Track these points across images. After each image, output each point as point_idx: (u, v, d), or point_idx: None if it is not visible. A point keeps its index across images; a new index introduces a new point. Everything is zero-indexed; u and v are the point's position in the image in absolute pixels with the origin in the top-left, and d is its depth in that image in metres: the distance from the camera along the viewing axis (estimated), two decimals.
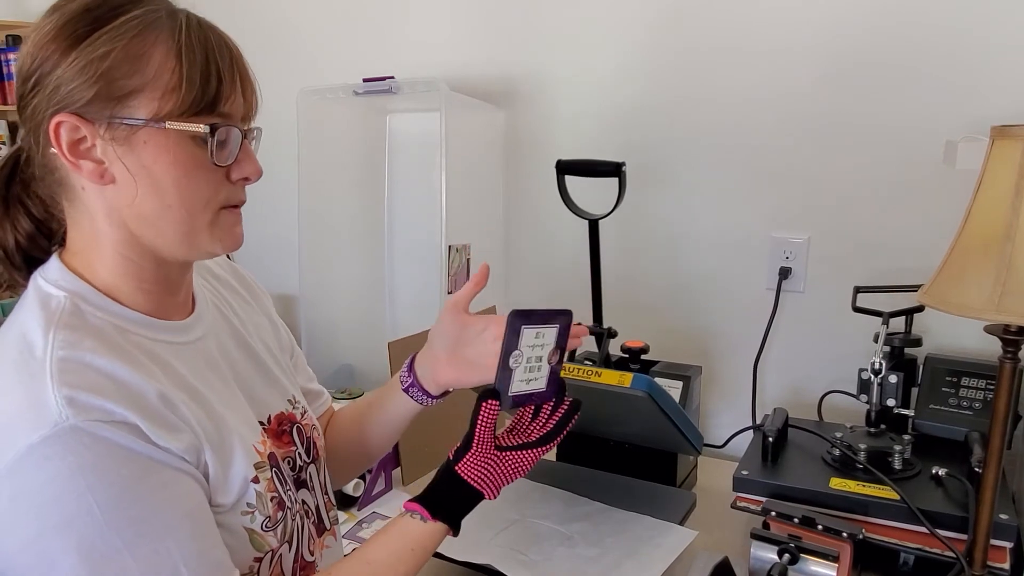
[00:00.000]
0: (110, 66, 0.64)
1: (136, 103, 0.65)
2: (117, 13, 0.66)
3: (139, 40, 0.65)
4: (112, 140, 0.66)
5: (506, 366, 0.76)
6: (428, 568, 0.75)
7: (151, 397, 0.65)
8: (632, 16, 1.54)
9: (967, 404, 1.21)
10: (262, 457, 0.76)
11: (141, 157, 0.66)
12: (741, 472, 1.15)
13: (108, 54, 0.64)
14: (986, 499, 0.95)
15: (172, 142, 0.67)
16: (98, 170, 0.67)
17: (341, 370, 1.94)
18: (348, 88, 1.69)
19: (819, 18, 1.38)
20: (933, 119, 1.32)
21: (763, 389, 1.52)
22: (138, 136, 0.66)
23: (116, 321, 0.70)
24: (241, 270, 0.95)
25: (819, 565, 0.93)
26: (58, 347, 0.64)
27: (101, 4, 0.67)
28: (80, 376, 0.63)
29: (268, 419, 0.83)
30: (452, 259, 1.61)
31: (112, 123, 0.66)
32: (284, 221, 1.92)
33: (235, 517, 0.72)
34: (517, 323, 0.76)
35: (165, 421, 0.66)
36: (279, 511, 0.76)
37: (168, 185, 0.67)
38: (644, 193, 1.56)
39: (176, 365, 0.72)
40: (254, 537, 0.73)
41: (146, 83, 0.65)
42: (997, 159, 0.88)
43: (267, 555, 0.75)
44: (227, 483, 0.71)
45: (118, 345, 0.67)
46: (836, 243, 1.43)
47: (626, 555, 1.03)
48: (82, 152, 0.67)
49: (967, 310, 0.87)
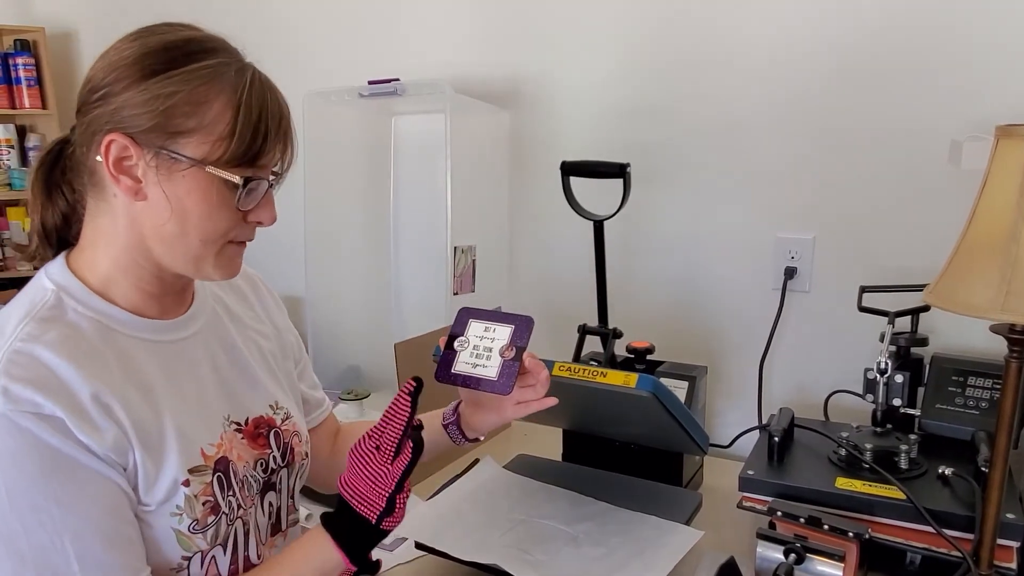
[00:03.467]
0: (173, 105, 0.71)
1: (186, 141, 0.72)
2: (191, 59, 0.72)
3: (205, 88, 0.72)
4: (156, 167, 0.72)
5: (450, 347, 0.91)
6: (433, 568, 0.76)
7: (84, 396, 0.70)
8: (637, 17, 1.55)
9: (974, 403, 1.21)
10: (206, 461, 0.79)
11: (177, 188, 0.73)
12: (747, 472, 1.15)
13: (174, 94, 0.71)
14: (992, 498, 0.94)
15: (208, 182, 0.73)
16: (135, 187, 0.73)
17: (348, 371, 1.95)
18: (353, 90, 1.69)
19: (825, 19, 1.38)
20: (938, 119, 1.31)
21: (769, 389, 1.52)
22: (179, 169, 0.72)
23: (97, 317, 0.75)
24: (258, 279, 0.99)
25: (825, 565, 0.93)
26: (18, 338, 0.70)
27: (181, 46, 0.73)
28: (23, 368, 0.68)
29: (246, 420, 0.86)
30: (457, 260, 1.61)
31: (160, 153, 0.72)
32: (290, 223, 1.90)
33: (162, 518, 0.75)
34: (464, 316, 0.93)
35: (91, 420, 0.70)
36: (211, 515, 0.78)
37: (194, 217, 0.74)
38: (649, 194, 1.56)
39: (144, 363, 0.77)
40: (180, 537, 0.76)
41: (201, 127, 0.72)
42: (1002, 159, 0.88)
43: (196, 555, 0.78)
44: (156, 483, 0.75)
45: (82, 341, 0.73)
46: (842, 243, 1.43)
47: (632, 555, 1.04)
48: (125, 168, 0.73)
49: (972, 309, 0.87)
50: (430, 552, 1.07)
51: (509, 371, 0.88)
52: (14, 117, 2.65)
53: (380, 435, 0.79)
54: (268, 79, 0.77)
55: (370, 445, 0.79)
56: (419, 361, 1.27)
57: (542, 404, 0.91)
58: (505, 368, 0.88)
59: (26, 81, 2.55)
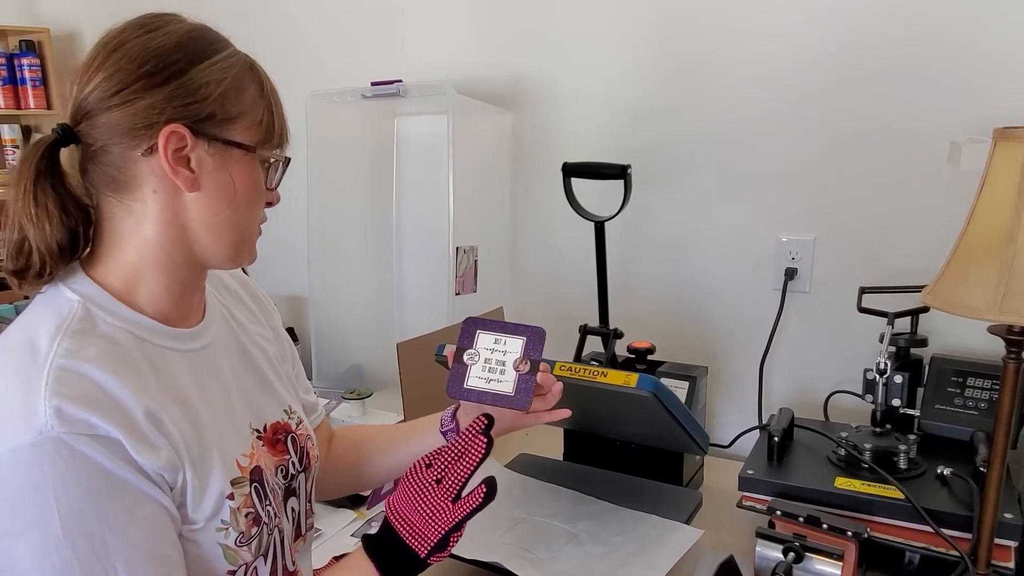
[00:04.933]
0: (224, 91, 0.72)
1: (236, 127, 0.74)
2: (217, 46, 0.74)
3: (240, 75, 0.74)
4: (211, 155, 0.73)
5: (460, 360, 0.87)
6: (436, 567, 0.76)
7: (138, 414, 0.67)
8: (639, 19, 1.55)
9: (972, 404, 1.21)
10: (243, 472, 0.78)
11: (233, 174, 0.74)
12: (747, 471, 1.16)
13: (222, 81, 0.72)
14: (991, 498, 0.95)
15: (253, 166, 0.76)
16: (191, 179, 0.72)
17: (350, 371, 1.95)
18: (356, 92, 1.70)
19: (825, 22, 1.38)
20: (938, 121, 1.32)
21: (769, 389, 1.53)
22: (232, 156, 0.74)
23: (128, 327, 0.72)
24: (253, 285, 0.98)
25: (824, 564, 0.94)
26: (59, 355, 0.66)
27: (204, 34, 0.74)
28: (73, 387, 0.64)
29: (264, 427, 0.85)
30: (460, 260, 1.62)
31: (215, 141, 0.73)
32: (293, 223, 1.93)
33: (209, 534, 0.74)
34: (472, 327, 0.89)
35: (147, 439, 0.67)
36: (253, 527, 0.77)
37: (243, 201, 0.76)
38: (650, 195, 1.56)
39: (179, 373, 0.75)
40: (227, 552, 0.75)
41: (244, 112, 0.74)
42: (999, 161, 0.88)
43: (241, 568, 0.76)
44: (204, 499, 0.73)
45: (122, 354, 0.70)
46: (842, 244, 1.44)
47: (632, 553, 1.04)
48: (182, 160, 0.72)
49: (970, 311, 0.87)
50: None
51: (526, 386, 0.85)
52: (19, 117, 2.66)
53: (444, 468, 0.75)
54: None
55: (430, 477, 0.75)
56: (421, 361, 1.28)
57: (554, 415, 0.90)
58: (521, 383, 0.85)
59: (31, 81, 2.56)
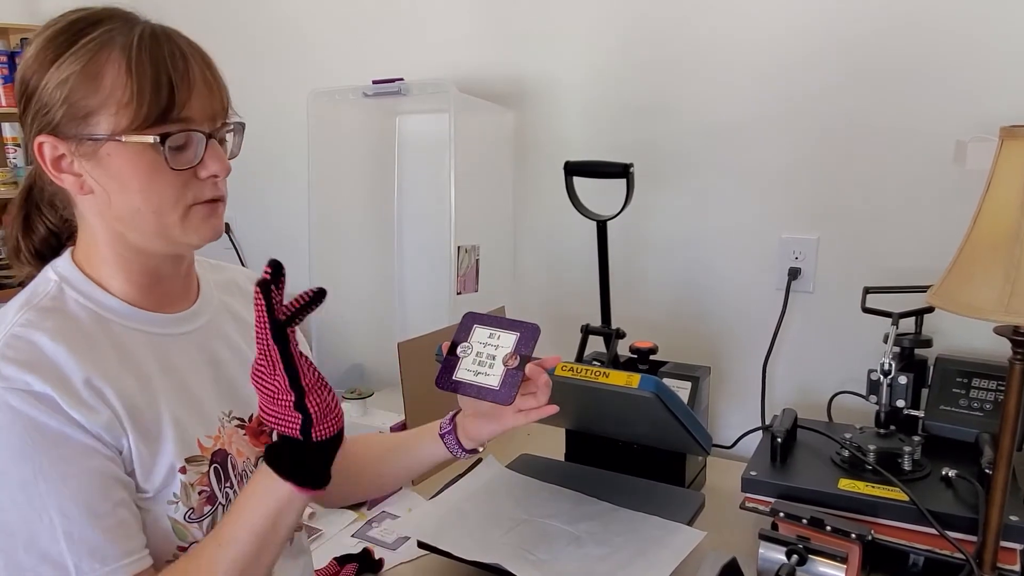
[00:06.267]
0: (71, 88, 0.70)
1: (96, 120, 0.71)
2: (80, 36, 0.71)
3: (94, 61, 0.70)
4: (82, 156, 0.72)
5: (453, 353, 0.89)
6: (435, 567, 0.76)
7: (76, 379, 0.71)
8: (641, 17, 1.54)
9: (978, 405, 1.20)
10: (203, 452, 0.80)
11: (108, 169, 0.72)
12: (750, 473, 1.15)
13: (69, 77, 0.70)
14: (996, 500, 0.94)
15: (132, 153, 0.71)
16: (78, 182, 0.74)
17: (351, 370, 1.95)
18: (358, 90, 1.70)
19: (830, 19, 1.38)
20: (943, 119, 1.31)
21: (772, 390, 1.52)
22: (103, 150, 0.72)
23: (95, 308, 0.76)
24: None
25: (827, 566, 0.94)
26: (18, 324, 0.72)
27: (67, 29, 0.72)
28: (18, 351, 0.69)
29: (249, 417, 0.87)
30: (461, 259, 1.62)
31: (80, 140, 0.72)
32: (294, 221, 1.94)
33: (160, 505, 0.76)
34: (469, 321, 0.90)
35: (83, 400, 0.70)
36: (207, 505, 0.79)
37: (134, 191, 0.73)
38: (652, 194, 1.56)
39: (141, 353, 0.78)
40: (176, 526, 0.77)
41: (103, 101, 0.70)
42: (1006, 160, 0.88)
43: (191, 546, 0.78)
44: (153, 469, 0.75)
45: (80, 330, 0.74)
46: (846, 243, 1.43)
47: (634, 555, 1.04)
48: (64, 167, 0.73)
49: (976, 311, 0.87)
50: (432, 551, 1.07)
51: (512, 380, 0.86)
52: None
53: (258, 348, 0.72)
54: (168, 29, 0.74)
55: (259, 362, 0.72)
56: (423, 360, 1.27)
57: (542, 412, 0.90)
58: (508, 377, 0.86)
59: None
